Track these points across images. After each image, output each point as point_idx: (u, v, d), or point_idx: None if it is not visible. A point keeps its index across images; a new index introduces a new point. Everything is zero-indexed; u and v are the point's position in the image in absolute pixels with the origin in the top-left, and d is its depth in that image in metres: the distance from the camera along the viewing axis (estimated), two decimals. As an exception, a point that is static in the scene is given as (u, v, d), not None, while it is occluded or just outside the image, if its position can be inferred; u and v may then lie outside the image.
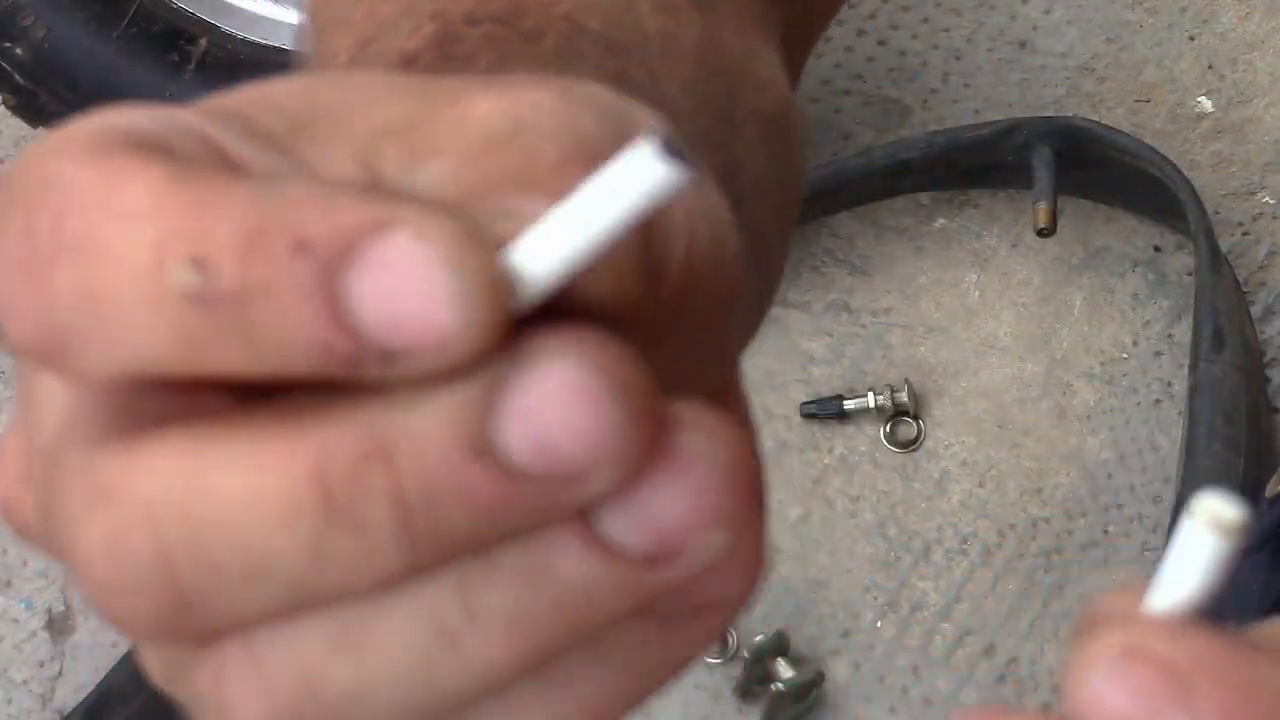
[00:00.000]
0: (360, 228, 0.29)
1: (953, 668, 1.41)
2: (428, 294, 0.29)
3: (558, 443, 0.29)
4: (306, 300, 0.29)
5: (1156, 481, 1.46)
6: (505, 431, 0.29)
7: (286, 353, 0.29)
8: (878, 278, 1.55)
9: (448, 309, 0.29)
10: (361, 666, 0.31)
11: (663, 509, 0.30)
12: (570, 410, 0.29)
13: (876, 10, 1.66)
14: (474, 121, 0.32)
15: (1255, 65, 1.62)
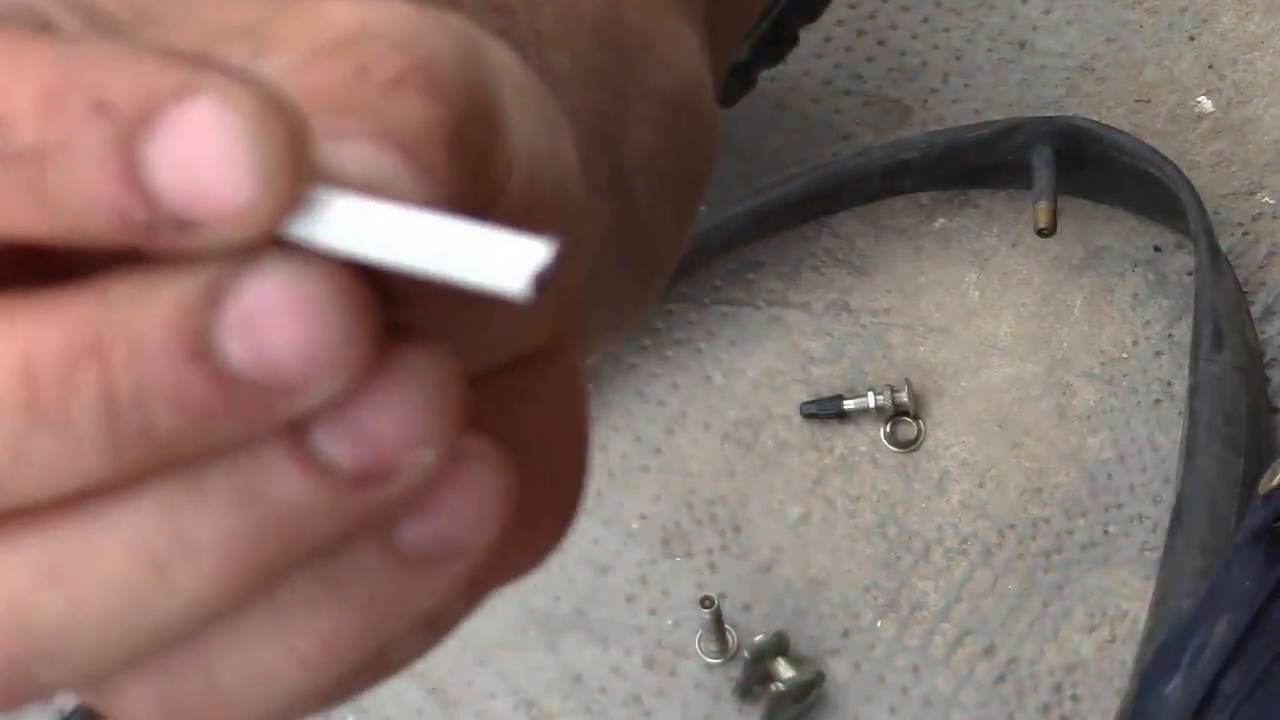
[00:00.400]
0: (163, 91, 0.28)
1: (953, 668, 1.41)
2: (226, 163, 0.28)
3: (276, 351, 0.28)
4: (102, 163, 0.28)
5: (1156, 481, 1.46)
6: (225, 334, 0.29)
7: (80, 217, 0.28)
8: (878, 278, 1.55)
9: (245, 179, 0.28)
10: (70, 599, 0.30)
11: (375, 426, 0.30)
12: (291, 318, 0.28)
13: (876, 10, 1.66)
14: (322, 21, 0.31)
15: (1255, 65, 1.62)
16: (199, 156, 0.28)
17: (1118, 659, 1.40)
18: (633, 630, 1.42)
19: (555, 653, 1.42)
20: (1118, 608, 1.42)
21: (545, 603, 1.44)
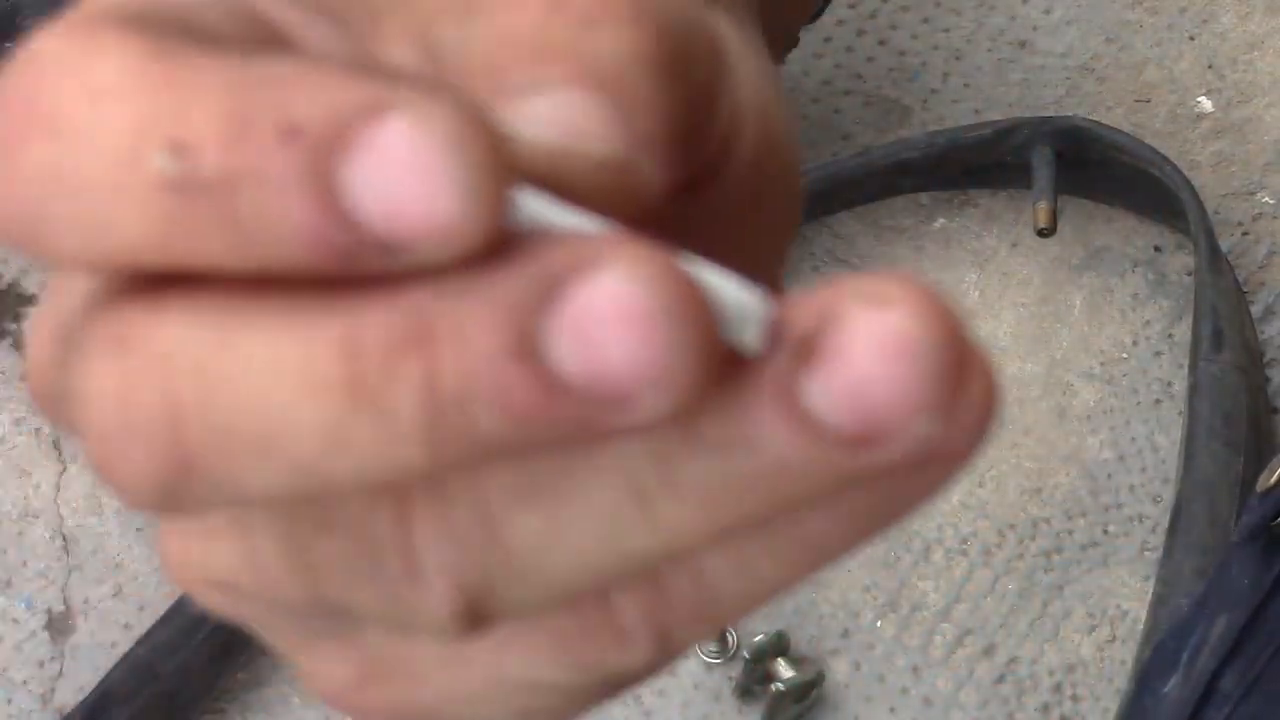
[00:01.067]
0: (355, 111, 0.27)
1: (953, 668, 1.41)
2: (427, 182, 0.27)
3: (609, 361, 0.27)
4: (297, 190, 0.27)
5: (1156, 481, 1.46)
6: (554, 337, 0.27)
7: (277, 246, 0.27)
8: (878, 278, 1.55)
9: (450, 198, 0.27)
10: (551, 520, 0.29)
11: (872, 391, 0.28)
12: (627, 329, 0.27)
13: (876, 10, 1.66)
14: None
15: (1255, 65, 1.62)
16: (399, 177, 0.27)
17: (1117, 659, 1.40)
18: (633, 630, 1.42)
19: (555, 653, 1.42)
20: (1117, 608, 1.42)
21: (545, 603, 1.44)
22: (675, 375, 0.27)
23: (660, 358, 0.27)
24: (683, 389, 0.27)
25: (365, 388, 0.27)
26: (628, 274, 0.27)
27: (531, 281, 0.27)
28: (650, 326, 0.27)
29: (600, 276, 0.27)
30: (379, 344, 0.27)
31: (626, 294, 0.27)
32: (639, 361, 0.27)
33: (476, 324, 0.27)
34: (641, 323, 0.27)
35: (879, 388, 0.28)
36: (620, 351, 0.27)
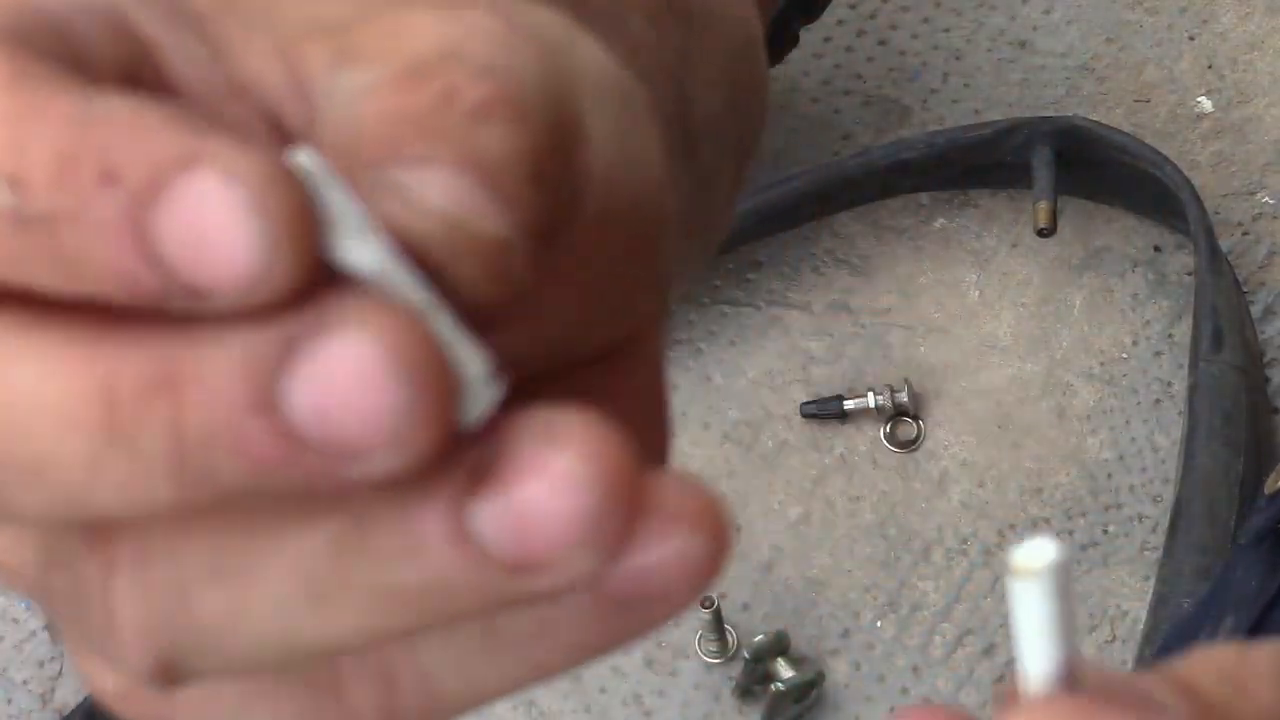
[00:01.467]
0: (170, 160, 0.28)
1: (953, 668, 1.41)
2: (229, 235, 0.28)
3: (338, 416, 0.29)
4: (113, 232, 0.28)
5: (1156, 481, 1.46)
6: (291, 391, 0.29)
7: (96, 280, 0.29)
8: (878, 278, 1.55)
9: (248, 251, 0.28)
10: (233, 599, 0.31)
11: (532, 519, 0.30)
12: (354, 385, 0.29)
13: (876, 10, 1.66)
14: (406, 35, 0.32)
15: (1255, 65, 1.62)
16: (204, 228, 0.28)
17: (1118, 659, 1.40)
18: (633, 630, 1.42)
19: (555, 653, 1.42)
20: (1118, 608, 1.42)
21: (545, 603, 1.44)
22: (405, 437, 0.29)
23: (390, 420, 0.29)
24: (415, 449, 0.29)
25: (119, 426, 0.29)
26: (362, 336, 0.29)
27: (275, 336, 0.29)
28: (378, 389, 0.29)
29: (338, 337, 0.29)
30: (132, 385, 0.29)
31: (360, 356, 0.29)
32: (370, 423, 0.29)
33: (220, 375, 0.29)
34: (374, 385, 0.29)
35: (540, 521, 0.30)
36: (353, 412, 0.29)
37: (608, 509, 0.30)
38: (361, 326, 0.29)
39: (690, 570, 0.31)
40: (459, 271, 0.30)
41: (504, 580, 0.30)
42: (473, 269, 0.30)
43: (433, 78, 0.31)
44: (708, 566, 0.31)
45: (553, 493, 0.30)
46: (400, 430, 0.29)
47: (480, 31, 0.32)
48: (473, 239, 0.30)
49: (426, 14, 0.32)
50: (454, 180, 0.30)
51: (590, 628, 0.32)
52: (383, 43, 0.32)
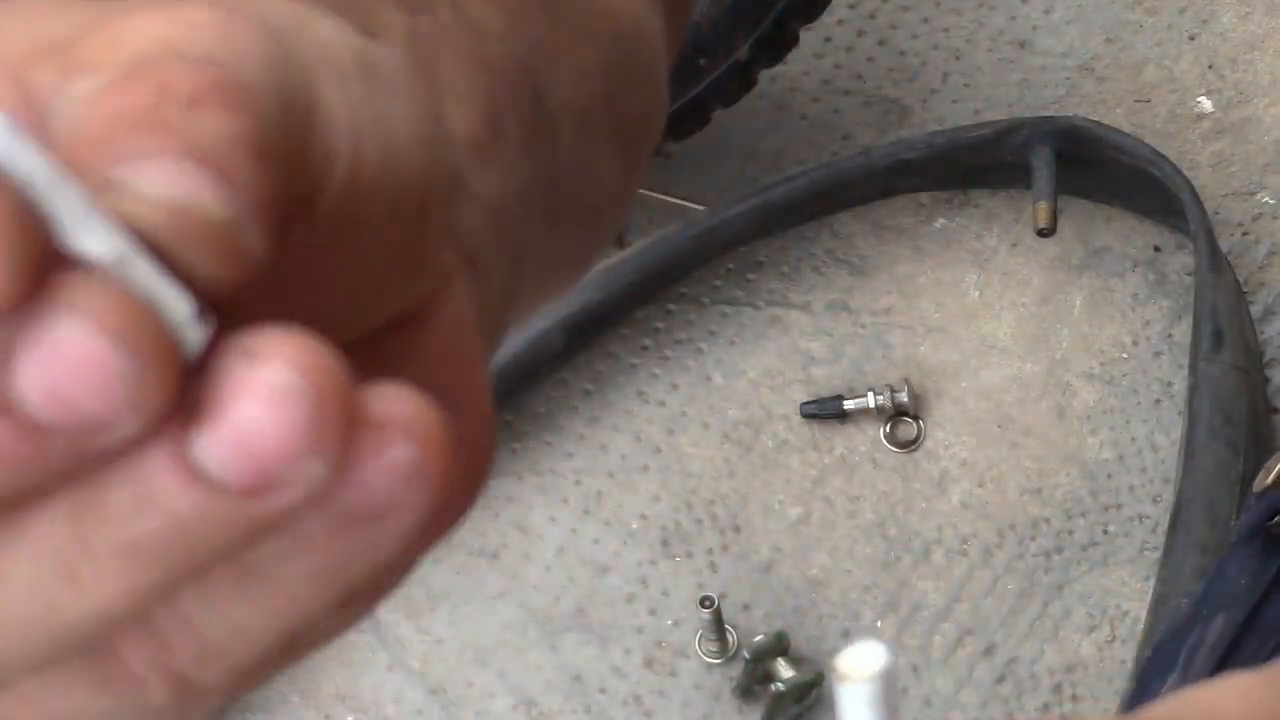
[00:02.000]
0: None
1: (953, 668, 1.41)
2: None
3: (72, 398, 0.29)
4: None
5: (1156, 481, 1.46)
6: (22, 389, 0.29)
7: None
8: (878, 278, 1.55)
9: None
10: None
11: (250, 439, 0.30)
12: (77, 365, 0.29)
13: (876, 10, 1.66)
14: (128, 37, 0.32)
15: (1255, 65, 1.62)
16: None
17: (1117, 659, 1.40)
18: (633, 630, 1.42)
19: (555, 653, 1.42)
20: (1117, 608, 1.42)
21: (545, 603, 1.44)
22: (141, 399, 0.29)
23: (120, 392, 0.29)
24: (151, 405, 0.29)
25: None
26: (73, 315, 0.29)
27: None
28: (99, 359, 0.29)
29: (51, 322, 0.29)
30: None
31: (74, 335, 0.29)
32: (103, 400, 0.29)
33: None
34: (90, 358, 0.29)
35: (258, 438, 0.30)
36: (84, 391, 0.29)
37: (323, 414, 0.30)
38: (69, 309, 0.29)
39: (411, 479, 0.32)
40: (190, 255, 0.31)
41: (239, 507, 0.31)
42: (202, 250, 0.31)
43: (149, 75, 0.31)
44: (427, 475, 0.32)
45: (264, 407, 0.30)
46: (135, 394, 0.29)
47: (197, 25, 0.32)
48: (198, 221, 0.31)
49: (145, 15, 0.32)
50: (173, 169, 0.31)
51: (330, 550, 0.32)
52: (105, 48, 0.32)
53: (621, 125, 0.49)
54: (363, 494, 0.32)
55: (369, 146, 0.34)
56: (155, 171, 0.31)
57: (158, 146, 0.31)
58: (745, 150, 1.59)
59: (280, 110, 0.32)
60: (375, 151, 0.34)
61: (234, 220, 0.31)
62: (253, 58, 0.32)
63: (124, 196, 0.31)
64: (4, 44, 0.32)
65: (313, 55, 0.34)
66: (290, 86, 0.33)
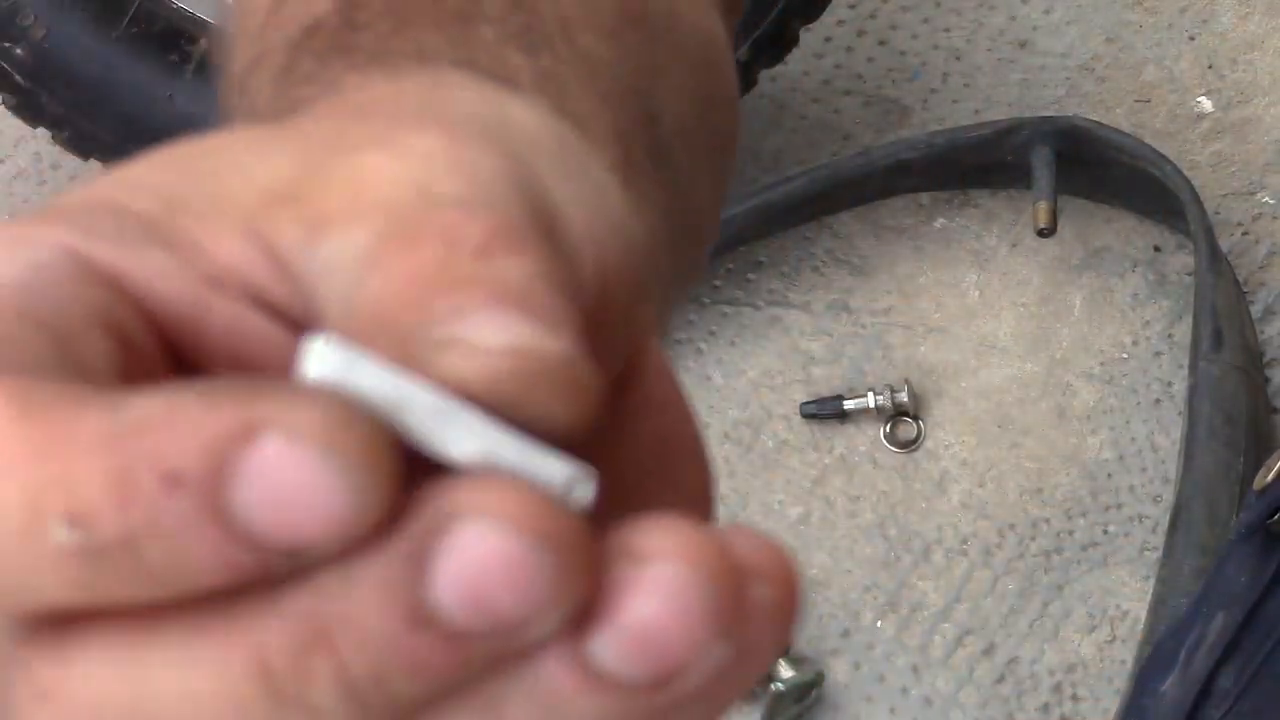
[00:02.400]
0: (227, 442, 0.28)
1: (953, 668, 1.41)
2: (314, 490, 0.28)
3: (493, 601, 0.29)
4: (197, 532, 0.28)
5: (1156, 481, 1.46)
6: (440, 598, 0.29)
7: (190, 578, 0.28)
8: (878, 278, 1.55)
9: (336, 498, 0.28)
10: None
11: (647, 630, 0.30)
12: (498, 571, 0.28)
13: (876, 10, 1.66)
14: (368, 183, 0.31)
15: (1255, 65, 1.62)
16: (287, 493, 0.28)
17: (1117, 659, 1.40)
18: (632, 630, 1.42)
19: (555, 653, 1.42)
20: (1117, 608, 1.42)
21: (545, 603, 1.44)
22: (560, 596, 0.29)
23: (541, 590, 0.29)
24: (569, 602, 0.29)
25: (284, 697, 0.29)
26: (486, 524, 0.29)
27: (407, 554, 0.29)
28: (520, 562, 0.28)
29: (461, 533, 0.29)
30: (283, 654, 0.28)
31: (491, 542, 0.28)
32: (524, 600, 0.29)
33: (366, 608, 0.28)
34: (511, 563, 0.28)
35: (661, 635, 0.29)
36: (505, 594, 0.28)
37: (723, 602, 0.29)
38: (479, 515, 0.28)
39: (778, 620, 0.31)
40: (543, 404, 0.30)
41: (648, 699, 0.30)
42: (554, 395, 0.30)
43: (422, 233, 0.31)
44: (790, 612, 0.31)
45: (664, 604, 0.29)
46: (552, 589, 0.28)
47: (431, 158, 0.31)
48: (542, 361, 0.30)
49: (376, 157, 0.31)
50: (500, 318, 0.30)
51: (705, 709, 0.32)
52: (348, 201, 0.31)
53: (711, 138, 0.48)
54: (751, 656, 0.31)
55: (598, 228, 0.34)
56: (484, 323, 0.30)
57: (474, 300, 0.30)
58: (745, 150, 1.59)
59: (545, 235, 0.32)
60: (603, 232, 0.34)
61: (572, 356, 0.30)
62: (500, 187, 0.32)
63: (457, 356, 0.30)
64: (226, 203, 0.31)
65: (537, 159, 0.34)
66: (540, 209, 0.32)
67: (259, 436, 0.28)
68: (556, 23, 0.42)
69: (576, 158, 0.35)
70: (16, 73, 1.50)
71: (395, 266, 0.30)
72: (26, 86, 1.51)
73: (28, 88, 1.51)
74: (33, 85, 1.51)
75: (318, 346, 0.29)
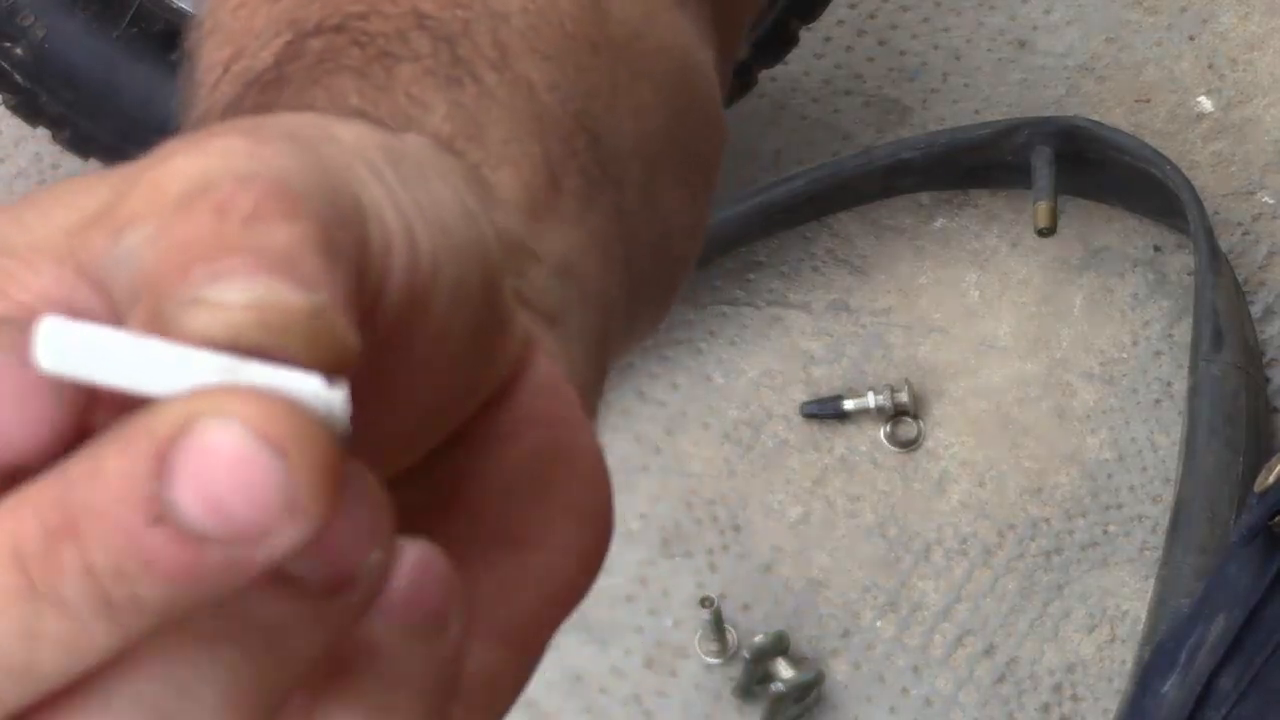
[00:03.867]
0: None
1: (953, 668, 1.41)
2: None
3: (230, 505, 0.29)
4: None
5: (1156, 481, 1.46)
6: (178, 496, 0.29)
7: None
8: (878, 278, 1.55)
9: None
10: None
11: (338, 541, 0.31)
12: (233, 474, 0.29)
13: (876, 10, 1.66)
14: (167, 180, 0.32)
15: (1255, 65, 1.63)
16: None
17: (1117, 659, 1.40)
18: (633, 630, 1.42)
19: (555, 653, 1.42)
20: (1117, 608, 1.42)
21: (545, 603, 1.44)
22: (301, 501, 0.29)
23: (279, 490, 0.29)
24: (315, 509, 0.29)
25: (37, 586, 0.30)
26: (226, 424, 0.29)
27: (146, 449, 0.29)
28: (260, 466, 0.29)
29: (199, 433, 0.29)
30: (34, 542, 0.29)
31: (231, 443, 0.29)
32: (262, 501, 0.29)
33: (106, 501, 0.29)
34: (252, 464, 0.29)
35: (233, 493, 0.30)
36: (242, 496, 0.29)
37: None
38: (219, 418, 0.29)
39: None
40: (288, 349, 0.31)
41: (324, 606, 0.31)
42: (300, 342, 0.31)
43: (201, 203, 0.32)
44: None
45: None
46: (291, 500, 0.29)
47: (229, 152, 0.32)
48: (285, 312, 0.31)
49: (178, 158, 0.33)
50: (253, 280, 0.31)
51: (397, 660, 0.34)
52: (149, 197, 0.32)
53: (684, 158, 0.49)
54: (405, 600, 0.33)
55: (420, 231, 0.34)
56: (235, 283, 0.31)
57: (231, 264, 0.31)
58: (745, 150, 1.59)
59: (331, 209, 0.33)
60: (427, 236, 0.34)
61: (321, 308, 0.31)
62: (291, 168, 0.33)
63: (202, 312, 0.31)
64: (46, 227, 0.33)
65: (344, 156, 0.35)
66: (333, 187, 0.33)
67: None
68: (494, 50, 0.43)
69: (411, 168, 0.36)
70: (16, 72, 1.50)
71: (168, 239, 0.31)
72: (26, 86, 1.51)
73: (28, 88, 1.51)
74: (33, 85, 1.51)
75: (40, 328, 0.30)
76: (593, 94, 0.45)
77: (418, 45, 0.43)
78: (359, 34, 0.42)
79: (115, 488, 0.29)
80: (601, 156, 0.44)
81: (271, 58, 0.42)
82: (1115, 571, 1.43)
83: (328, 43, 0.42)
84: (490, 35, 0.44)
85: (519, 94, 0.43)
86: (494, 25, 0.44)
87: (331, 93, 0.41)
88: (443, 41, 0.43)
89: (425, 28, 0.43)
